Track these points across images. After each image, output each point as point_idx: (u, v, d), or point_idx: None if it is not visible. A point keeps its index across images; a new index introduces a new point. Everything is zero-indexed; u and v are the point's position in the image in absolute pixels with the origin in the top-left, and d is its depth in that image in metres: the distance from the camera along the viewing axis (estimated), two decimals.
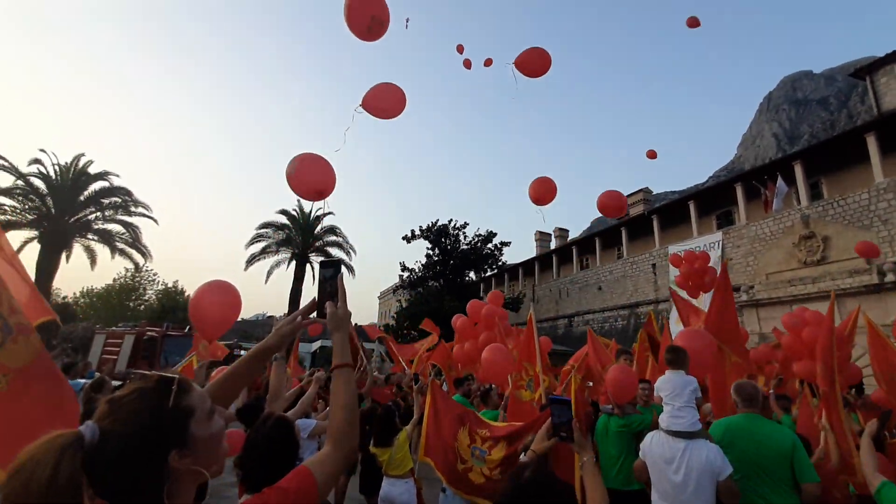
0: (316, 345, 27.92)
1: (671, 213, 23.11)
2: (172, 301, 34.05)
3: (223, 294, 3.54)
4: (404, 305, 27.77)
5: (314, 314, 1.35)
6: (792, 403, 4.99)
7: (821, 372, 3.66)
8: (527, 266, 33.62)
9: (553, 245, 35.58)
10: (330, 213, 27.65)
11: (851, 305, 14.44)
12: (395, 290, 32.23)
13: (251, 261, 25.65)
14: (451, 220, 28.04)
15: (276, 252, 26.07)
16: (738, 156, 73.47)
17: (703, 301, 18.09)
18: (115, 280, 34.86)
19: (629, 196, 29.96)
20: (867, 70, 18.12)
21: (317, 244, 26.78)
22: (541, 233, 36.67)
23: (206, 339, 4.27)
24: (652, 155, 10.95)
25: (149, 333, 14.95)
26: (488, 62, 9.81)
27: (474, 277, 29.28)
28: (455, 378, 7.35)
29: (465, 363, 7.74)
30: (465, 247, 27.65)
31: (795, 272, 16.34)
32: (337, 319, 1.28)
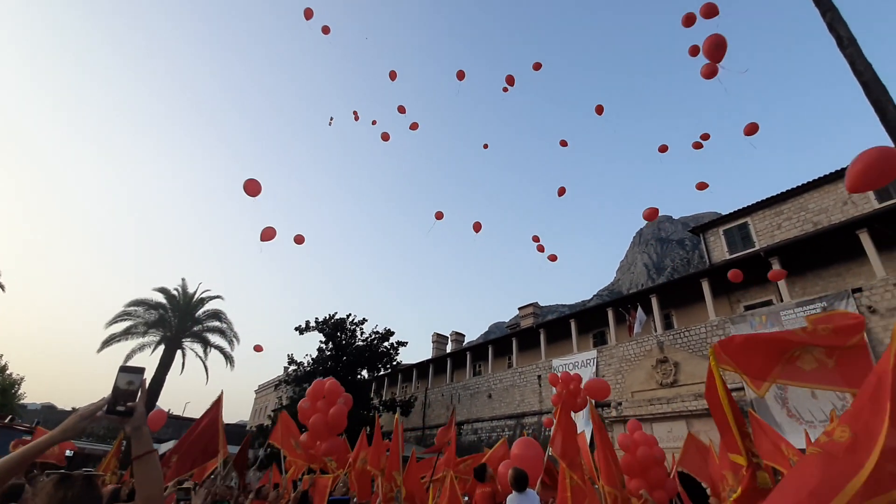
0: (167, 446, 23.92)
1: (556, 328, 25.03)
2: None
3: None
4: (285, 403, 25.40)
5: (105, 410, 1.50)
6: None
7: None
8: (421, 368, 33.24)
9: (449, 348, 35.94)
10: (218, 296, 25.53)
11: (698, 425, 16.33)
12: (277, 384, 29.41)
13: (109, 341, 22.20)
14: (350, 314, 27.46)
15: (144, 334, 22.97)
16: (616, 279, 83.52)
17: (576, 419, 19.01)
18: None
19: (521, 308, 32.14)
20: (700, 229, 22.64)
21: (195, 329, 24.22)
22: (438, 335, 37.04)
23: None
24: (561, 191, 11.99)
25: None
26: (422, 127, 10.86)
27: (367, 376, 28.08)
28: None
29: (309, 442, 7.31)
30: (360, 343, 26.84)
31: (654, 392, 18.15)
32: (140, 418, 1.50)
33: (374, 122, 13.69)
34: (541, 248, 13.28)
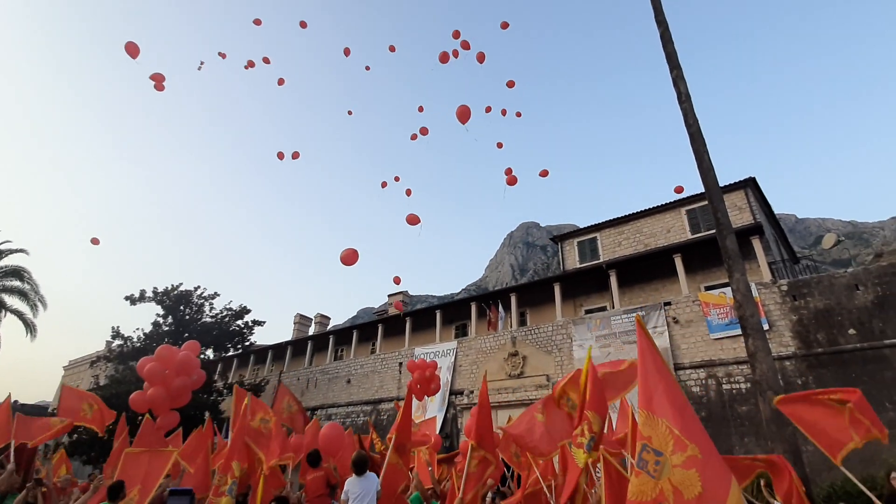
0: None
1: (422, 317, 25.57)
2: None
3: None
4: (103, 382, 21.65)
5: None
6: None
7: None
8: (278, 350, 31.25)
9: (312, 331, 34.46)
10: (21, 250, 20.50)
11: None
12: (94, 361, 24.79)
13: None
14: (199, 286, 24.46)
15: None
16: (484, 276, 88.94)
17: (426, 403, 19.62)
18: None
19: (391, 296, 32.23)
20: (560, 238, 25.18)
21: None
22: (301, 316, 35.24)
23: None
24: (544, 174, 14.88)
25: None
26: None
27: (212, 356, 25.38)
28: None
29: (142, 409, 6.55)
30: (208, 319, 24.09)
31: (503, 382, 19.63)
32: None
33: (250, 64, 12.49)
34: (384, 185, 16.17)
